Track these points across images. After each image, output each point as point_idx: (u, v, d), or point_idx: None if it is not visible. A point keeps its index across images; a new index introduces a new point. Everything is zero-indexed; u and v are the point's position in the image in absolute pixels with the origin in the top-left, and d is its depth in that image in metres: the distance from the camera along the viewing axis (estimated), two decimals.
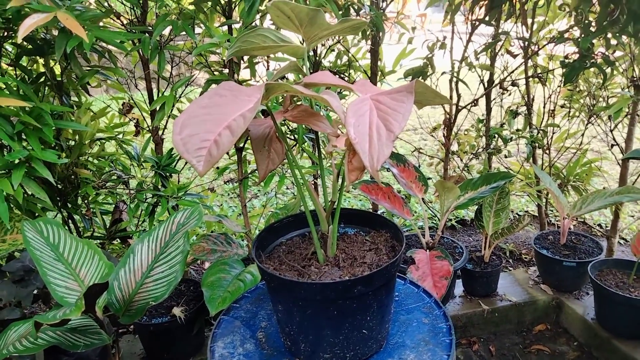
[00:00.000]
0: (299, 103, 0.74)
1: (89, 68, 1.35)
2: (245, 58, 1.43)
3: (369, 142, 0.56)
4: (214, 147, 0.51)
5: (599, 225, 2.54)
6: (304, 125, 1.56)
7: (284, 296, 0.66)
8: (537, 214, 2.38)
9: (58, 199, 1.44)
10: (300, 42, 0.70)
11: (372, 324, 0.68)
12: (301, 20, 0.65)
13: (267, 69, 1.48)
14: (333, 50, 1.61)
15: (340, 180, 0.69)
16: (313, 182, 1.92)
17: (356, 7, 1.35)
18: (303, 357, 0.70)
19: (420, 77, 1.60)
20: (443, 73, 1.66)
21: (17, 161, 1.12)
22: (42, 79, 1.33)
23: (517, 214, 2.71)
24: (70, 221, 1.56)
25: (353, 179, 0.63)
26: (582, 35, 1.33)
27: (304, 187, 0.72)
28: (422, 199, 1.63)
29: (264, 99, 0.57)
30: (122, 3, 1.50)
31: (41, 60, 1.37)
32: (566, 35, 1.48)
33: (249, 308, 0.87)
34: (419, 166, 1.75)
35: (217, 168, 1.85)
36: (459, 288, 1.87)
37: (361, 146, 0.55)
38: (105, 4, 1.47)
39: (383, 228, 0.80)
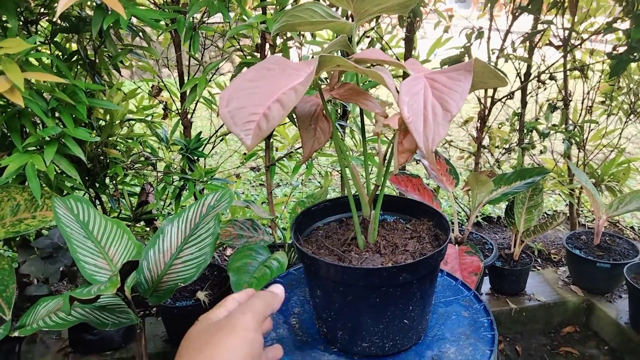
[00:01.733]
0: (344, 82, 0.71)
1: (122, 47, 1.34)
2: (279, 42, 1.40)
3: (423, 122, 0.53)
4: (264, 120, 0.49)
5: (632, 227, 2.46)
6: (337, 111, 1.54)
7: (324, 281, 0.64)
8: (567, 213, 2.32)
9: (87, 178, 1.44)
10: (347, 19, 0.67)
11: (414, 314, 0.65)
12: None
13: (300, 55, 1.46)
14: (367, 36, 1.58)
15: (385, 164, 0.66)
16: (339, 171, 1.89)
17: None
18: (340, 345, 0.68)
19: None
20: None
21: (48, 138, 1.12)
22: (74, 58, 1.32)
23: (545, 212, 2.64)
24: (97, 201, 1.56)
25: (402, 161, 0.60)
26: (633, 26, 1.26)
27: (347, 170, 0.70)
28: (452, 193, 1.59)
29: (315, 74, 0.55)
30: None
31: (74, 40, 1.37)
32: (614, 26, 1.42)
33: None
34: (450, 159, 1.71)
35: (245, 154, 1.84)
36: (485, 285, 1.82)
37: (415, 125, 0.52)
38: None
39: (425, 216, 0.77)
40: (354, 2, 0.64)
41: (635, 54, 1.29)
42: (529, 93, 1.88)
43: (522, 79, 1.82)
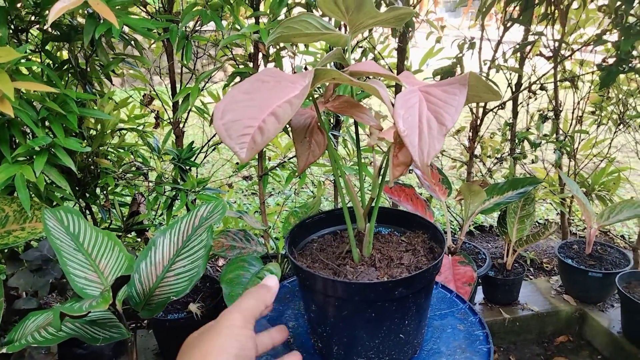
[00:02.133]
0: (339, 93, 0.71)
1: (113, 56, 1.33)
2: (272, 51, 1.40)
3: (418, 135, 0.52)
4: (259, 134, 0.48)
5: (622, 236, 2.48)
6: (330, 121, 1.53)
7: (319, 295, 0.63)
8: (558, 222, 2.33)
9: (77, 188, 1.42)
10: (343, 30, 0.66)
11: (410, 328, 0.65)
12: (348, 6, 0.61)
13: (293, 64, 1.46)
14: (360, 47, 1.58)
15: (380, 177, 0.66)
16: (333, 180, 1.89)
17: (387, 1, 1.32)
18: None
19: (449, 77, 1.56)
20: None
21: (38, 148, 1.10)
22: (66, 66, 1.31)
23: (537, 221, 2.65)
24: (87, 211, 1.54)
25: (397, 175, 0.59)
26: (622, 38, 1.28)
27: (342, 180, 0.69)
28: (445, 202, 1.59)
29: (310, 87, 0.54)
30: None
31: (65, 48, 1.36)
32: (603, 37, 1.44)
33: (275, 307, 0.83)
34: (442, 168, 1.71)
35: (237, 163, 1.83)
36: (479, 295, 1.82)
37: (410, 139, 0.52)
38: None
39: (420, 228, 0.76)
40: (349, 15, 0.64)
41: (624, 66, 1.30)
42: (520, 103, 1.89)
43: (513, 89, 1.83)
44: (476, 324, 0.78)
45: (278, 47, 1.41)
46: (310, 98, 0.63)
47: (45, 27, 1.25)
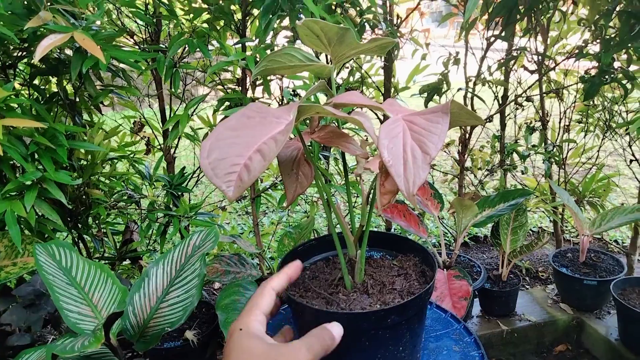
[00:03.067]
0: (324, 124, 0.71)
1: (102, 87, 1.33)
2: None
3: (403, 165, 0.53)
4: (245, 171, 0.48)
5: (615, 241, 2.49)
6: (320, 144, 1.54)
7: (312, 325, 0.63)
8: (552, 230, 2.34)
9: (69, 219, 1.42)
10: (327, 61, 0.68)
11: (405, 354, 0.65)
12: (330, 39, 0.62)
13: (281, 87, 1.47)
14: (347, 67, 1.60)
15: (369, 204, 0.66)
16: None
17: (371, 24, 1.34)
18: None
19: (436, 94, 1.58)
20: (459, 89, 1.64)
21: (28, 183, 1.10)
22: (54, 99, 1.31)
23: (530, 229, 2.66)
24: (80, 242, 1.53)
25: (385, 203, 0.60)
26: (603, 51, 1.31)
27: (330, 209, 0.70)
28: (438, 216, 1.60)
29: (295, 121, 0.55)
30: (136, 22, 1.50)
31: (54, 80, 1.36)
32: (584, 50, 1.46)
33: (270, 335, 0.83)
34: (433, 183, 1.73)
35: None
36: (476, 308, 1.82)
37: (395, 169, 0.53)
38: (119, 23, 1.47)
39: (411, 252, 0.77)
40: (332, 47, 0.65)
41: (606, 77, 1.33)
42: (507, 115, 1.92)
43: (500, 102, 1.86)
44: (471, 344, 0.78)
45: None
46: (295, 130, 0.64)
47: (32, 62, 1.26)
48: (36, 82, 1.32)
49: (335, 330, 0.57)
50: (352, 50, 0.65)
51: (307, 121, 0.71)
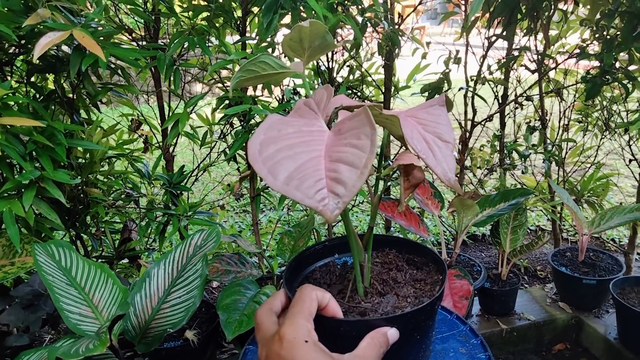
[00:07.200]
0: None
1: (100, 85, 1.32)
2: None
3: (433, 155, 0.53)
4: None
5: (612, 239, 2.50)
6: None
7: (323, 333, 0.62)
8: (550, 229, 2.35)
9: (67, 218, 1.40)
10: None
11: (415, 358, 0.64)
12: (311, 44, 0.63)
13: (282, 86, 1.46)
14: (348, 65, 1.59)
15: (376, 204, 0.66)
16: None
17: (373, 22, 1.33)
18: None
19: (437, 93, 1.57)
20: (460, 89, 1.63)
21: (26, 182, 1.08)
22: (52, 97, 1.30)
23: (529, 228, 2.67)
24: (78, 241, 1.52)
25: (406, 197, 0.60)
26: (605, 51, 1.30)
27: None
28: (439, 215, 1.60)
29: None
30: (134, 19, 1.48)
31: (51, 77, 1.34)
32: (585, 50, 1.46)
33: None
34: (433, 182, 1.72)
35: (229, 185, 1.82)
36: (475, 307, 1.82)
37: (430, 160, 0.53)
38: (117, 20, 1.45)
39: (418, 255, 0.76)
40: (308, 51, 0.65)
41: (608, 77, 1.33)
42: (507, 114, 1.92)
43: (500, 102, 1.85)
44: (478, 347, 0.77)
45: None
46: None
47: (29, 59, 1.24)
48: (33, 79, 1.30)
49: (391, 332, 0.57)
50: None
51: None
